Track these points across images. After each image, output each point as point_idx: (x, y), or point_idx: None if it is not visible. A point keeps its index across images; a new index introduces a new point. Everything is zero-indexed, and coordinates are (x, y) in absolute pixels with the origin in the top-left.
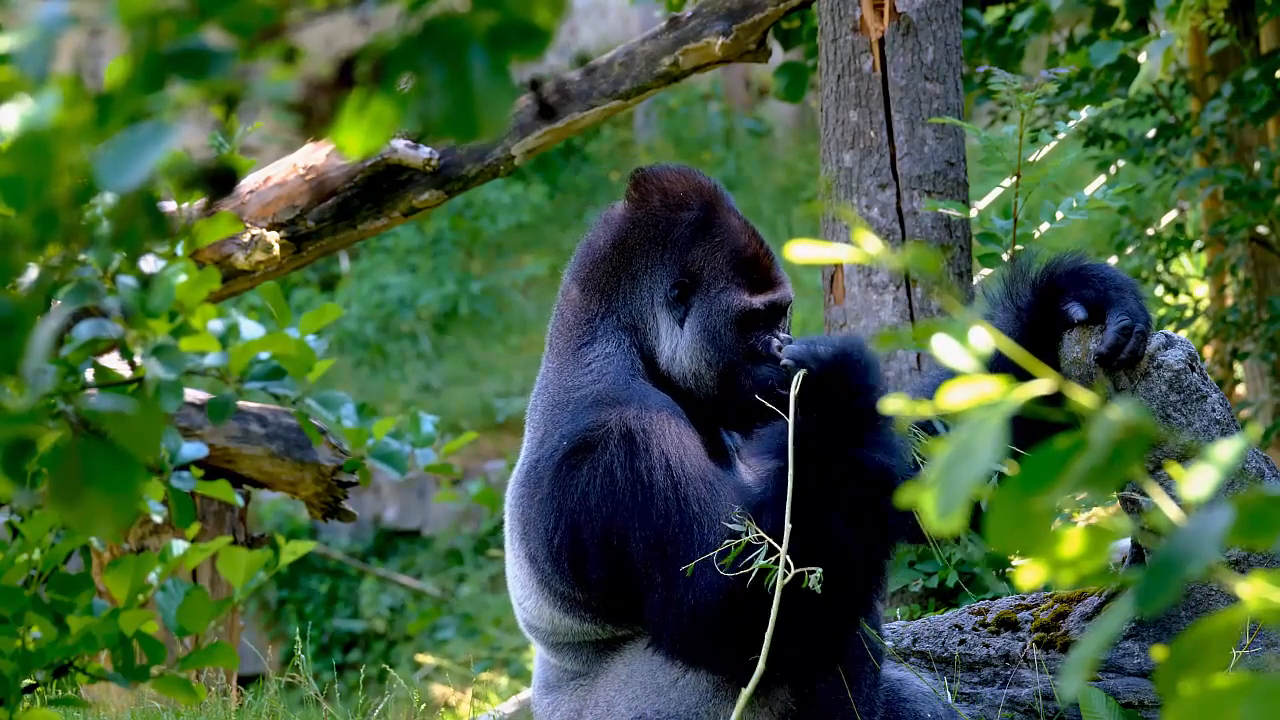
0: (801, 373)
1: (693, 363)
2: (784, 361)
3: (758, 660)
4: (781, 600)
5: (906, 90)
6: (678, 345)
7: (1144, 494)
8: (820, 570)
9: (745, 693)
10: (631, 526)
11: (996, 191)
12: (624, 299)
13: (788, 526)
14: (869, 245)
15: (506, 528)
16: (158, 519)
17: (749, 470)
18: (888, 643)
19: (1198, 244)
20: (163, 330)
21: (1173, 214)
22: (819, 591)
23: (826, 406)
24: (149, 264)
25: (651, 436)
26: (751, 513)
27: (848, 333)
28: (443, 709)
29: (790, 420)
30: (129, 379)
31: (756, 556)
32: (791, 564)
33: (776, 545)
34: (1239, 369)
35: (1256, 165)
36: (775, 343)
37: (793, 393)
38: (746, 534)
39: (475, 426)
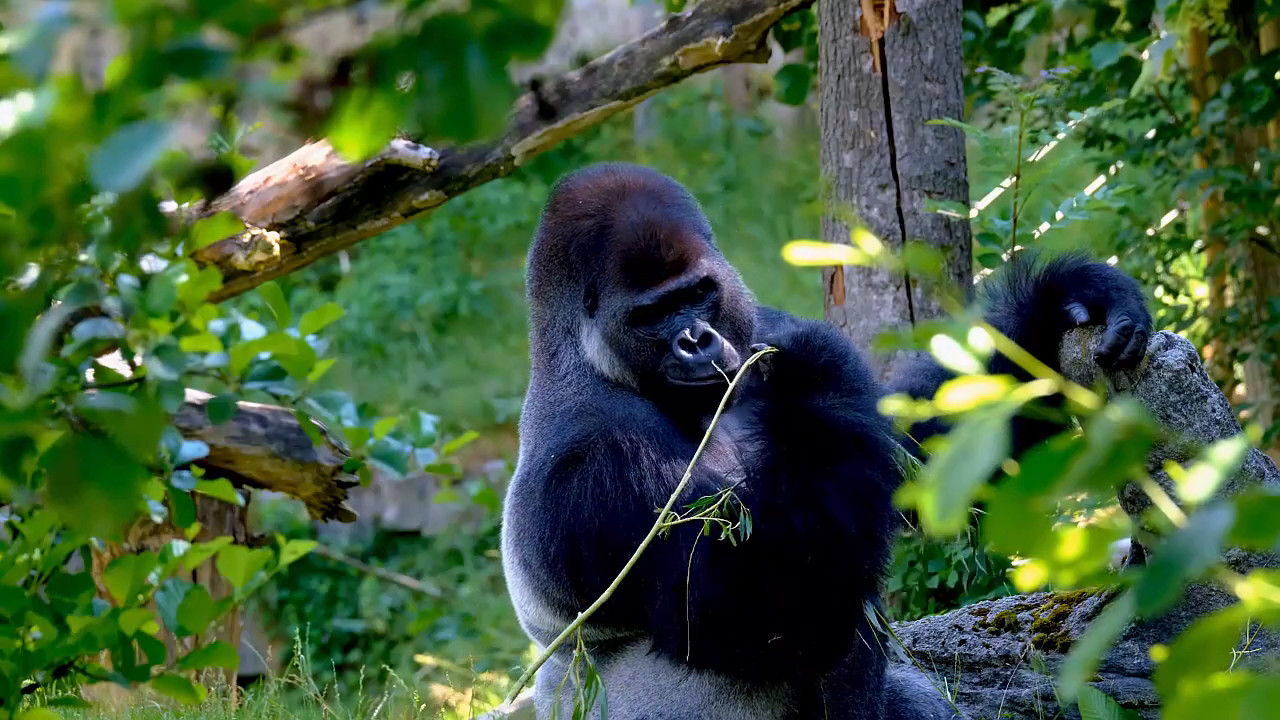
0: (767, 349)
1: (611, 368)
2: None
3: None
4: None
5: (906, 90)
6: (596, 351)
7: (1144, 494)
8: (751, 520)
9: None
10: (629, 537)
11: (996, 192)
12: (558, 306)
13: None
14: (868, 246)
15: (503, 533)
16: (158, 519)
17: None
18: (888, 643)
19: (1198, 244)
20: (163, 330)
21: (1173, 215)
22: (746, 535)
23: (796, 377)
24: (149, 264)
25: (640, 445)
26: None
27: (847, 333)
28: (443, 709)
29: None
30: (129, 379)
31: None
32: (748, 514)
33: (739, 502)
34: (1239, 369)
35: (1256, 166)
36: (682, 330)
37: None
38: (719, 497)
39: (475, 426)
